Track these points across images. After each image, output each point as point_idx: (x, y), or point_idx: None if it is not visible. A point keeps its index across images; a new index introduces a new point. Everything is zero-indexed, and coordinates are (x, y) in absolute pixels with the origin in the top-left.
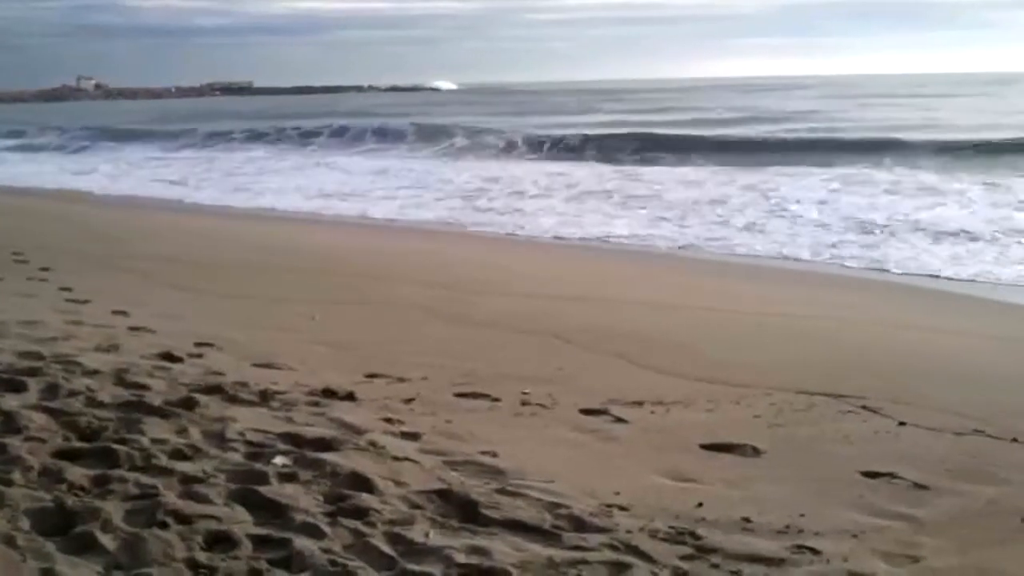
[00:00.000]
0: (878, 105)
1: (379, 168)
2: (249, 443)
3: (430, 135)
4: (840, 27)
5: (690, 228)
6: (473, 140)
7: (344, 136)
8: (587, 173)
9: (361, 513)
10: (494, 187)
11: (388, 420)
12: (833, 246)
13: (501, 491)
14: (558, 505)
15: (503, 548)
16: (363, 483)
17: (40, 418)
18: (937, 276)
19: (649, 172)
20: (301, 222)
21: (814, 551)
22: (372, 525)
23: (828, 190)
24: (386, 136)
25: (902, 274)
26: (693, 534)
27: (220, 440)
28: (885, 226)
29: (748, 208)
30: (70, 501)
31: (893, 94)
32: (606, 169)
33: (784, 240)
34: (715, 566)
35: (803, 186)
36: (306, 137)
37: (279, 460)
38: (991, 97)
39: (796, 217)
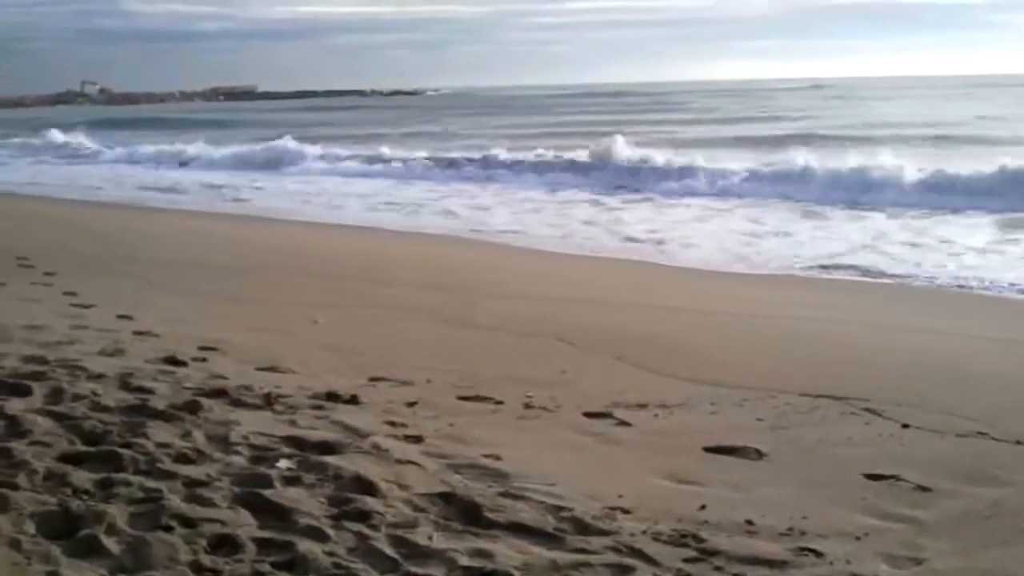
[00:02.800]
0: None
1: None
2: (253, 447)
3: None
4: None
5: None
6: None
7: None
8: None
9: (364, 516)
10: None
11: (391, 423)
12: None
13: (504, 494)
14: (561, 508)
15: (506, 551)
16: (366, 486)
17: (45, 422)
18: (939, 279)
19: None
20: (302, 226)
21: (817, 553)
22: (375, 528)
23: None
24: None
25: (905, 277)
26: (696, 537)
27: (224, 444)
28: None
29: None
30: (75, 505)
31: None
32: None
33: (785, 245)
34: (718, 568)
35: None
36: None
37: (283, 464)
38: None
39: (793, 223)
